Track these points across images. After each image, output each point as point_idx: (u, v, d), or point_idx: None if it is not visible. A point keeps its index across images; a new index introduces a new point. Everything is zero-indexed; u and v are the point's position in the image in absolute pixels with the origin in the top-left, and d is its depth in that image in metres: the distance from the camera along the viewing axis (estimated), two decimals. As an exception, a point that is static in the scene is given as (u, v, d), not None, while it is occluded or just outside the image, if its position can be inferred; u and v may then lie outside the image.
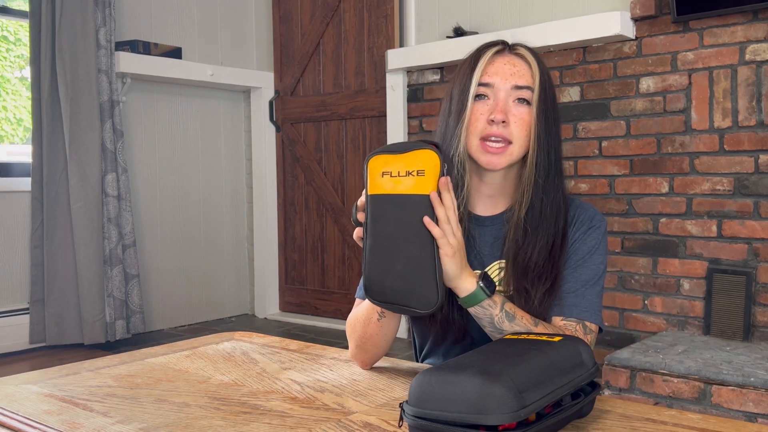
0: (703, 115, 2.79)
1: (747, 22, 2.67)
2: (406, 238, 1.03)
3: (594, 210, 1.23)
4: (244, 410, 1.02)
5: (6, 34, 3.96)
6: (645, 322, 2.95)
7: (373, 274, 1.05)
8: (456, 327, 1.20)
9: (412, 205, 1.02)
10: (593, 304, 1.18)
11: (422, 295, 1.03)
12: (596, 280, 1.19)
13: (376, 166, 1.04)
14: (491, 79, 1.16)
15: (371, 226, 1.04)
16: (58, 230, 3.50)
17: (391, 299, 1.05)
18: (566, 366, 0.92)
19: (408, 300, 1.04)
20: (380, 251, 1.04)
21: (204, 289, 4.28)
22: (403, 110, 3.73)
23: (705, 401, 2.29)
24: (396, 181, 1.02)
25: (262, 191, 4.44)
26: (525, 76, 1.17)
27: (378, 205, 1.04)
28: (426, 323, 1.23)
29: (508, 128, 1.15)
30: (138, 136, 3.94)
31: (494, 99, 1.16)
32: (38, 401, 1.08)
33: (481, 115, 1.16)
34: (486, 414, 0.79)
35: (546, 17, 3.25)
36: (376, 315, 1.16)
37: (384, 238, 1.04)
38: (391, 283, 1.04)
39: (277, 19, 4.42)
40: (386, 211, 1.03)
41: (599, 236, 1.20)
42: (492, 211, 1.23)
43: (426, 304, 1.03)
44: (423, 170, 1.01)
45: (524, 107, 1.16)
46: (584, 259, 1.19)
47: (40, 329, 3.50)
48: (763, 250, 2.66)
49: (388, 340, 1.20)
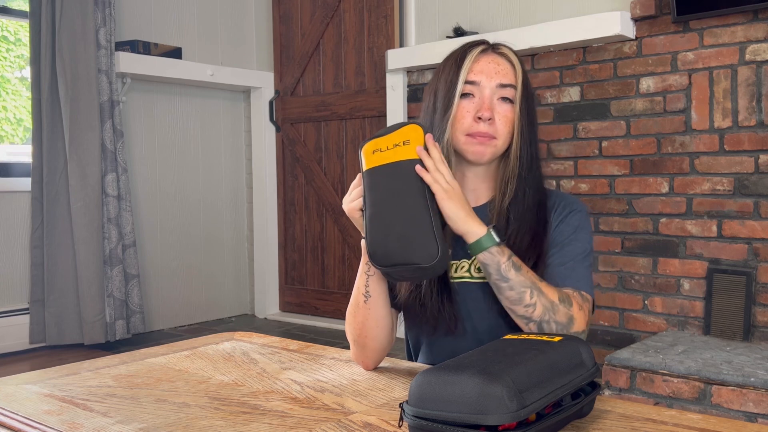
0: (703, 115, 2.79)
1: (747, 22, 2.67)
2: (401, 200, 1.09)
3: (574, 197, 1.30)
4: (244, 410, 1.02)
5: (6, 34, 3.96)
6: (645, 322, 2.95)
7: (376, 240, 1.09)
8: (447, 316, 1.22)
9: (402, 169, 1.10)
10: (585, 276, 1.21)
11: (423, 248, 1.06)
12: (584, 256, 1.23)
13: (368, 149, 1.13)
14: (477, 77, 1.21)
15: (368, 196, 1.11)
16: (58, 230, 3.50)
17: (396, 260, 1.08)
18: (566, 366, 0.92)
19: (411, 256, 1.07)
20: (379, 218, 1.09)
21: (204, 289, 4.28)
22: (403, 110, 3.73)
23: (705, 401, 2.29)
24: (385, 154, 1.11)
25: (262, 191, 4.44)
26: (509, 75, 1.22)
27: (372, 177, 1.11)
28: (417, 314, 1.25)
29: (493, 125, 1.20)
30: (138, 136, 3.94)
31: (480, 97, 1.21)
32: (38, 401, 1.08)
33: (468, 112, 1.21)
34: (486, 414, 0.79)
35: (546, 17, 3.25)
36: (362, 298, 1.20)
37: (381, 206, 1.10)
38: (393, 244, 1.08)
39: (277, 19, 4.42)
40: (380, 181, 1.11)
41: (582, 218, 1.26)
42: (475, 202, 1.27)
43: (428, 257, 1.06)
44: (408, 140, 1.11)
45: (508, 105, 1.22)
46: (570, 238, 1.23)
47: (40, 329, 3.50)
48: (763, 250, 2.66)
49: (383, 330, 1.21)
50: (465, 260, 1.25)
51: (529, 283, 1.12)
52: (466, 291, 1.23)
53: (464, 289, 1.24)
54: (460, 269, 1.25)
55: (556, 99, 3.18)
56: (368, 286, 1.19)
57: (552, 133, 3.20)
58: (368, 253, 1.10)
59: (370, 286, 1.19)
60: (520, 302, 1.11)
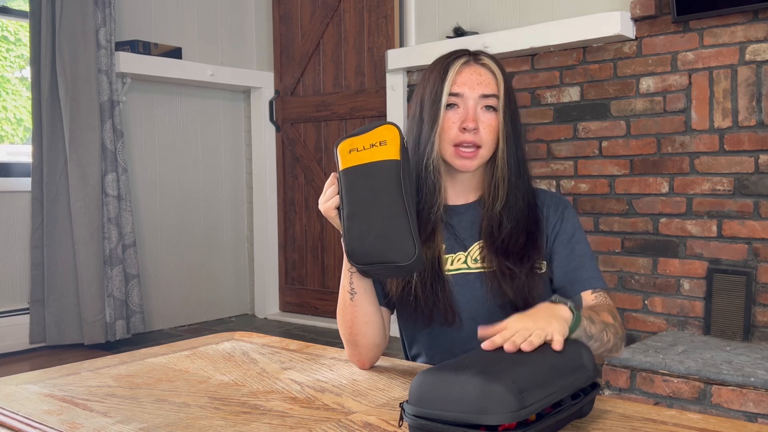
0: (703, 115, 2.79)
1: (747, 22, 2.67)
2: (378, 200, 1.10)
3: (556, 193, 1.39)
4: (244, 410, 1.02)
5: (6, 34, 3.96)
6: (645, 322, 2.95)
7: (354, 239, 1.11)
8: (441, 306, 1.24)
9: (379, 169, 1.11)
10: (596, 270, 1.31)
11: (401, 247, 1.09)
12: (590, 252, 1.32)
13: (344, 147, 1.14)
14: (460, 89, 1.25)
15: (346, 196, 1.12)
16: (58, 230, 3.50)
17: (374, 259, 1.10)
18: (567, 368, 0.92)
19: (389, 255, 1.09)
20: (357, 217, 1.11)
21: (204, 289, 4.28)
22: (403, 110, 3.73)
23: (705, 401, 2.29)
24: (362, 154, 1.13)
25: (262, 191, 4.44)
26: (491, 85, 1.26)
27: (350, 177, 1.12)
28: (412, 311, 1.26)
29: (478, 135, 1.25)
30: (138, 136, 3.94)
31: (464, 108, 1.25)
32: (38, 401, 1.08)
33: (453, 123, 1.25)
34: (486, 413, 0.79)
35: (546, 17, 3.25)
36: (348, 296, 1.22)
37: (358, 205, 1.11)
38: (371, 243, 1.10)
39: (277, 19, 4.42)
40: (357, 180, 1.12)
41: (574, 214, 1.34)
42: (465, 200, 1.33)
43: (406, 256, 1.09)
44: (385, 140, 1.12)
45: (491, 113, 1.26)
46: (575, 237, 1.31)
47: (40, 329, 3.50)
48: (763, 250, 2.66)
49: (372, 326, 1.22)
50: (461, 252, 1.28)
51: (602, 326, 1.13)
52: (463, 282, 1.26)
53: (461, 280, 1.26)
54: (456, 261, 1.28)
55: (556, 99, 3.18)
56: (352, 283, 1.21)
57: (552, 133, 3.20)
58: (346, 252, 1.13)
59: (355, 283, 1.21)
60: (602, 345, 1.13)
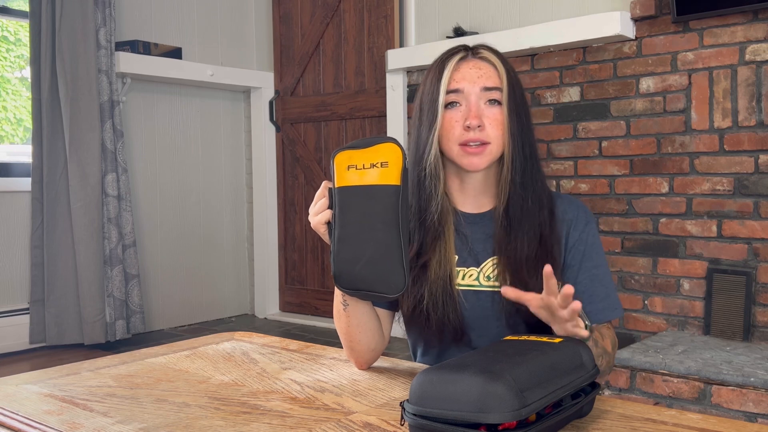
0: (703, 115, 2.79)
1: (747, 22, 2.67)
2: (372, 226, 1.06)
3: (577, 200, 1.29)
4: (244, 410, 1.02)
5: (6, 34, 3.96)
6: (645, 322, 2.95)
7: (343, 263, 1.08)
8: (452, 327, 1.20)
9: (377, 194, 1.06)
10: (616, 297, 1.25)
11: (390, 279, 1.06)
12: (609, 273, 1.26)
13: (342, 161, 1.08)
14: (460, 84, 1.19)
15: (339, 216, 1.08)
16: (58, 230, 3.50)
17: (360, 286, 1.08)
18: (567, 367, 0.92)
19: (376, 285, 1.07)
20: (348, 241, 1.07)
21: (204, 289, 4.28)
22: (403, 110, 3.73)
23: (705, 401, 2.29)
24: (361, 173, 1.07)
25: (262, 191, 4.44)
26: (492, 78, 1.19)
27: (345, 197, 1.07)
28: (422, 328, 1.22)
29: (484, 131, 1.18)
30: (138, 136, 3.94)
31: (466, 104, 1.18)
32: (38, 401, 1.08)
33: (456, 122, 1.19)
34: (487, 413, 0.79)
35: (546, 17, 3.25)
36: (341, 307, 1.18)
37: (352, 228, 1.07)
38: (360, 270, 1.07)
39: (277, 19, 4.42)
40: (353, 202, 1.07)
41: (595, 229, 1.26)
42: (479, 208, 1.26)
43: (394, 288, 1.06)
44: (386, 162, 1.06)
45: (496, 107, 1.19)
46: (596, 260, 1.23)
47: (40, 329, 3.50)
48: (763, 250, 2.66)
49: (367, 333, 1.19)
50: (474, 268, 1.22)
51: (601, 351, 1.13)
52: (474, 299, 1.21)
53: (472, 297, 1.21)
54: (468, 277, 1.22)
55: (556, 99, 3.18)
56: (344, 295, 1.16)
57: (552, 133, 3.20)
58: (333, 274, 1.09)
59: (346, 297, 1.17)
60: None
